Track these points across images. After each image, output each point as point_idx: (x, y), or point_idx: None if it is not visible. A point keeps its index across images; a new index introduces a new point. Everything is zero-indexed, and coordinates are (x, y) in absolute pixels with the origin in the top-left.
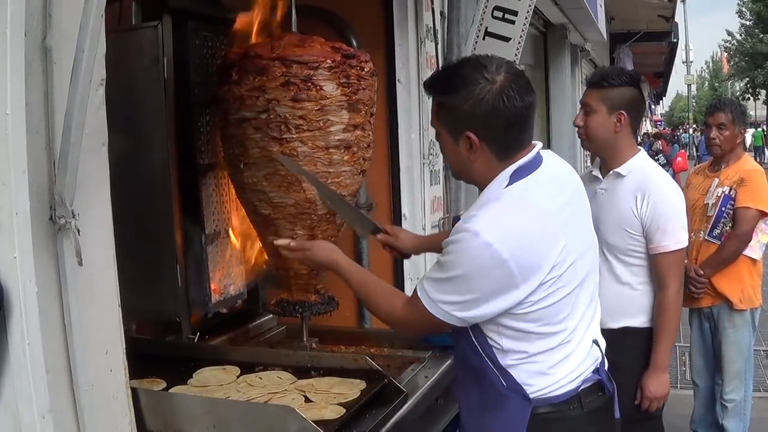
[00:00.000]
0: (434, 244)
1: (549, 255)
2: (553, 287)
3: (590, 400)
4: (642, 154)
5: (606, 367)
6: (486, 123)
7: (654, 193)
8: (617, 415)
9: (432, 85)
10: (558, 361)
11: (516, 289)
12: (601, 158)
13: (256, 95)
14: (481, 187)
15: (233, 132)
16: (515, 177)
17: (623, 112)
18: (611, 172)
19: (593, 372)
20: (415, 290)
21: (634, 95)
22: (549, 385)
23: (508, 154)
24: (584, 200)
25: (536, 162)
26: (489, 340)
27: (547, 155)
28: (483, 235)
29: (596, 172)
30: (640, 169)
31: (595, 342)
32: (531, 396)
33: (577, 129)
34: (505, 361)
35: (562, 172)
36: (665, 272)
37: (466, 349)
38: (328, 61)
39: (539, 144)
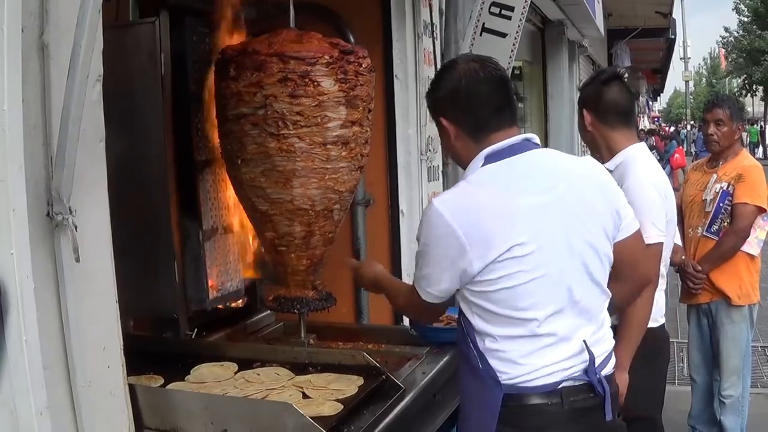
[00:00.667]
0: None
1: (504, 234)
2: (512, 269)
3: (575, 399)
4: (635, 146)
5: (605, 371)
6: (452, 105)
7: (628, 180)
8: (609, 417)
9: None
10: (530, 351)
11: (467, 261)
12: (598, 158)
13: (253, 91)
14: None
15: (231, 128)
16: (490, 159)
17: (585, 109)
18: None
19: (582, 372)
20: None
21: (594, 91)
22: (522, 374)
23: (481, 134)
24: (587, 198)
25: (516, 148)
26: (468, 320)
27: (546, 150)
28: (439, 207)
29: None
30: (625, 161)
31: (585, 343)
32: (503, 383)
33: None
34: (482, 344)
35: (553, 164)
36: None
37: (459, 333)
38: (326, 56)
39: (531, 135)
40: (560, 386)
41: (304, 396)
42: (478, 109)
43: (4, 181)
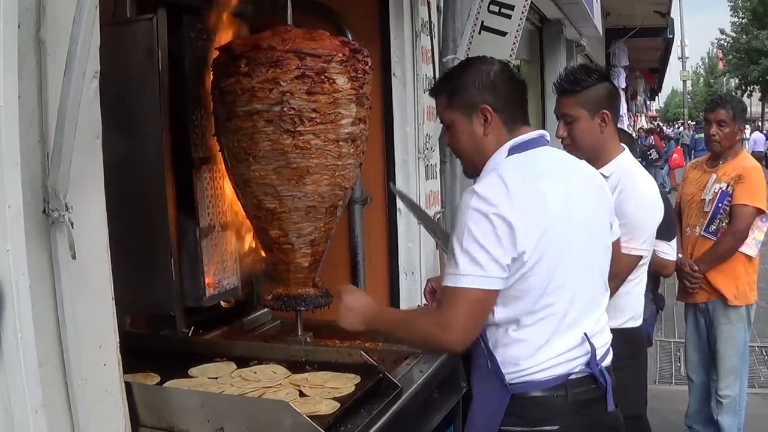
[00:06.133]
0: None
1: (540, 217)
2: (547, 253)
3: (578, 391)
4: (626, 154)
5: (605, 362)
6: (496, 93)
7: (628, 190)
8: (611, 408)
9: (439, 83)
10: (541, 344)
11: (517, 242)
12: (587, 160)
13: (269, 87)
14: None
15: (241, 125)
16: (514, 150)
17: (606, 111)
18: None
19: (585, 365)
20: (443, 291)
21: (610, 90)
22: (529, 367)
23: (514, 126)
24: (594, 194)
25: (537, 142)
26: None
27: (555, 149)
28: (478, 192)
29: None
30: (623, 168)
31: (586, 335)
32: (511, 382)
33: (561, 140)
34: (492, 339)
35: (566, 159)
36: None
37: None
38: (340, 54)
39: (543, 132)
40: (567, 379)
41: (301, 394)
42: (515, 102)
43: None
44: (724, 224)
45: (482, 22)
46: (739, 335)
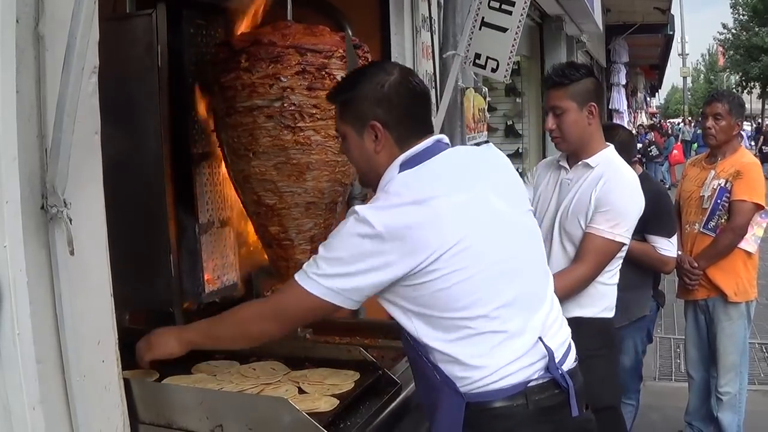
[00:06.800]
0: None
1: (429, 239)
2: (443, 271)
3: (540, 398)
4: (611, 149)
5: (566, 365)
6: (388, 109)
7: (612, 180)
8: (575, 413)
9: (335, 90)
10: (483, 352)
11: (390, 262)
12: (573, 152)
13: (269, 83)
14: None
15: (241, 120)
16: (405, 166)
17: (593, 103)
18: (580, 162)
19: (544, 369)
20: (284, 286)
21: (597, 85)
22: (481, 378)
23: (407, 142)
24: (507, 188)
25: (430, 151)
26: (411, 334)
27: (456, 148)
28: (360, 214)
29: (563, 162)
30: (609, 161)
31: (540, 338)
32: (463, 390)
33: (550, 133)
34: (433, 355)
35: (466, 160)
36: (584, 251)
37: (406, 345)
38: (340, 50)
39: (441, 136)
40: (526, 386)
41: (300, 391)
42: (411, 117)
43: None
44: (723, 220)
45: (483, 18)
46: (739, 332)
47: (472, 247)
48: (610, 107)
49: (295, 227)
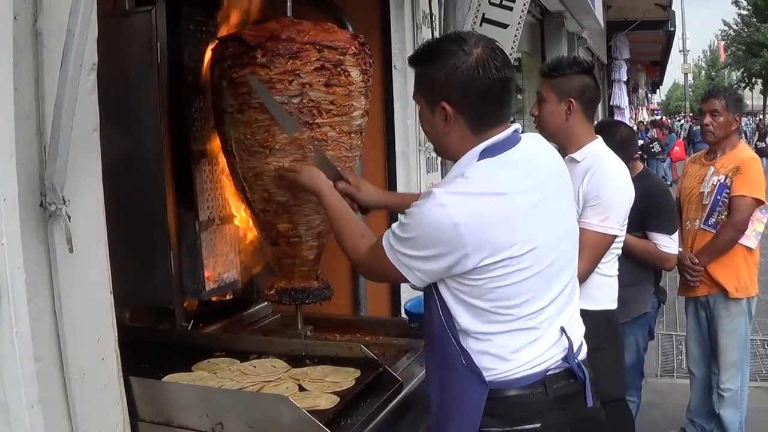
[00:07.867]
0: (398, 204)
1: (505, 236)
2: (509, 269)
3: (558, 386)
4: (599, 142)
5: (580, 356)
6: (461, 93)
7: (599, 173)
8: (590, 403)
9: (413, 57)
10: (521, 346)
11: (465, 254)
12: (558, 146)
13: (288, 79)
14: (456, 161)
15: (256, 116)
16: (485, 154)
17: (572, 99)
18: (566, 157)
19: (562, 360)
20: (380, 237)
21: (585, 83)
22: (509, 369)
23: (481, 128)
24: (563, 187)
25: (510, 142)
26: (451, 316)
27: (529, 137)
28: (440, 199)
29: None
30: (595, 155)
31: (563, 330)
32: (488, 379)
33: (533, 118)
34: (466, 342)
35: (538, 156)
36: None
37: (435, 323)
38: (353, 47)
39: (516, 125)
40: (545, 375)
41: (301, 388)
42: (487, 103)
43: None
44: (723, 216)
45: (483, 14)
46: (741, 328)
47: (537, 249)
48: (611, 103)
49: (305, 223)
